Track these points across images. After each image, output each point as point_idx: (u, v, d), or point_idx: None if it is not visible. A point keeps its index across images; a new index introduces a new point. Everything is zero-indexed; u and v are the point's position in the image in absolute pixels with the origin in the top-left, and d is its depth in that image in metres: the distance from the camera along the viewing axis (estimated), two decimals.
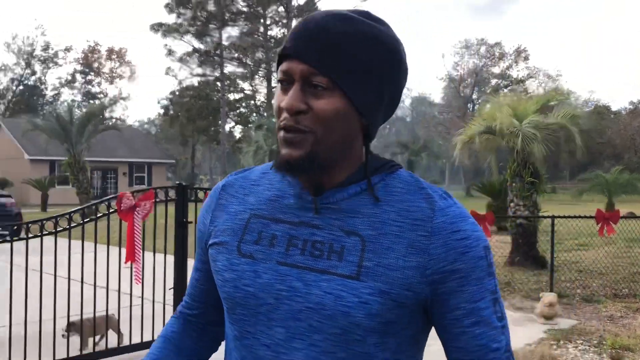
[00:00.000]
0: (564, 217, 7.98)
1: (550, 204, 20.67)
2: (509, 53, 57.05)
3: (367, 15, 0.95)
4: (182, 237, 5.47)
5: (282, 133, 0.93)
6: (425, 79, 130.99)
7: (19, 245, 4.56)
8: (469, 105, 55.59)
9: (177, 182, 6.22)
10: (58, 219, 4.86)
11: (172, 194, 5.45)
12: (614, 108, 59.30)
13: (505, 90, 55.12)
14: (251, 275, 0.98)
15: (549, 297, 6.59)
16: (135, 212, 5.19)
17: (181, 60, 42.84)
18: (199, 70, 44.37)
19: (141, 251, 5.12)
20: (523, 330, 6.23)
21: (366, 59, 0.91)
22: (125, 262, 5.08)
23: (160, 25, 40.61)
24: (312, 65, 0.90)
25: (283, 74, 0.93)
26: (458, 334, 0.96)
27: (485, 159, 11.83)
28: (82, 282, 4.91)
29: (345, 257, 0.94)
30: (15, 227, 6.12)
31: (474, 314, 0.95)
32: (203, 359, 1.21)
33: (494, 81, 57.79)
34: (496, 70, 58.14)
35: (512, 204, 10.05)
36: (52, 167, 34.44)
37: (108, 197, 5.49)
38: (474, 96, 57.64)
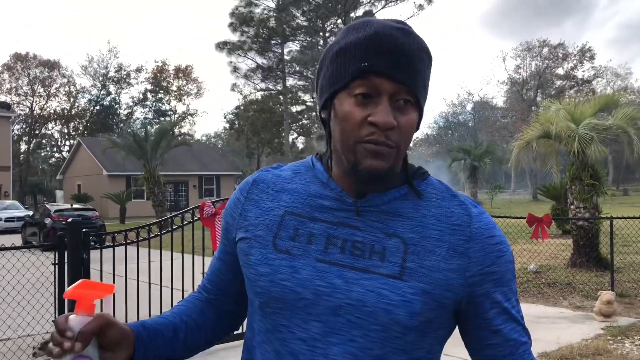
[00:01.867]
0: (622, 217, 8.11)
1: (623, 206, 20.21)
2: (573, 53, 55.58)
3: (409, 26, 1.00)
4: None
5: (368, 145, 0.94)
6: (487, 83, 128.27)
7: (106, 254, 5.30)
8: (532, 108, 54.38)
9: None
10: (139, 229, 5.61)
11: None
12: None
13: (571, 92, 53.64)
14: (288, 271, 0.98)
15: (606, 295, 6.80)
16: (217, 219, 5.90)
17: (245, 76, 44.37)
18: (262, 85, 45.81)
19: None
20: (580, 327, 6.48)
21: (427, 72, 1.00)
22: None
23: (225, 43, 42.29)
24: (407, 83, 0.94)
25: (367, 89, 0.95)
26: (493, 332, 1.02)
27: (546, 163, 11.95)
28: (160, 285, 5.61)
29: (388, 258, 0.97)
30: (103, 237, 6.96)
31: (505, 313, 1.02)
32: (216, 336, 1.22)
33: (558, 83, 56.30)
34: (560, 71, 56.70)
35: (572, 207, 10.17)
36: (129, 181, 36.46)
37: (182, 210, 6.17)
38: (538, 99, 56.35)
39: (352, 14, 43.12)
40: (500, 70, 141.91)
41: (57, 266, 4.96)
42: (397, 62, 0.94)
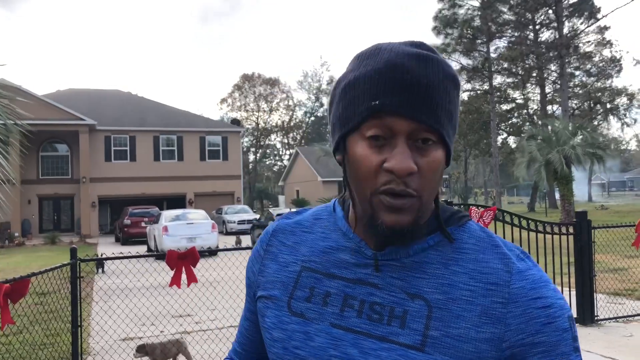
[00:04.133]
0: None
1: None
2: None
3: (431, 49, 0.87)
4: None
5: (386, 199, 0.83)
6: None
7: None
8: None
9: (448, 197, 7.17)
10: None
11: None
12: None
13: None
14: (302, 337, 0.90)
15: None
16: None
17: None
18: (468, 86, 45.01)
19: None
20: None
21: (453, 102, 0.86)
22: None
23: None
24: (425, 122, 0.82)
25: (380, 130, 0.83)
26: None
27: None
28: None
29: (409, 324, 0.85)
30: None
31: None
32: None
33: None
34: None
35: None
36: (340, 187, 38.72)
37: None
38: None
39: (564, 1, 40.07)
40: None
41: None
42: (412, 97, 0.81)
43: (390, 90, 0.82)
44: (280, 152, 72.16)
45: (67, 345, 5.96)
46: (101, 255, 8.65)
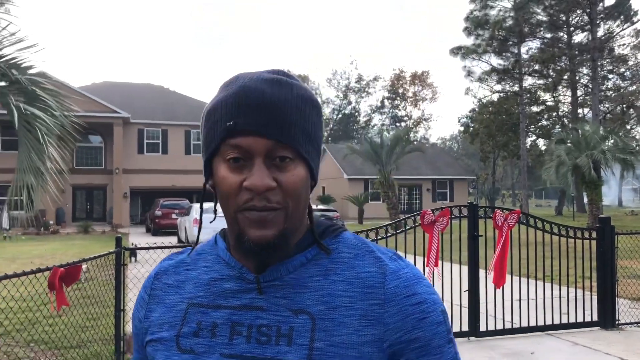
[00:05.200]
0: None
1: None
2: None
3: (288, 75, 0.91)
4: (473, 248, 6.59)
5: (250, 214, 0.85)
6: None
7: None
8: None
9: (475, 198, 7.41)
10: (378, 230, 6.47)
11: (465, 211, 6.62)
12: None
13: None
14: None
15: None
16: (435, 226, 6.51)
17: (480, 79, 43.86)
18: (498, 87, 44.74)
19: (440, 259, 6.40)
20: None
21: (310, 122, 0.89)
22: (427, 266, 6.41)
23: (459, 48, 42.48)
24: (278, 139, 0.85)
25: (237, 152, 0.86)
26: None
27: None
28: None
29: (295, 340, 0.86)
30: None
31: None
32: None
33: None
34: None
35: None
36: (366, 185, 38.91)
37: (413, 213, 6.92)
38: None
39: (599, 6, 39.53)
40: None
41: None
42: (265, 117, 0.85)
43: (244, 112, 0.85)
44: None
45: (106, 328, 6.35)
46: (136, 244, 9.04)
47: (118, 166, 31.81)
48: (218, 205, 0.91)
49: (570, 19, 42.56)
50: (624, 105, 44.91)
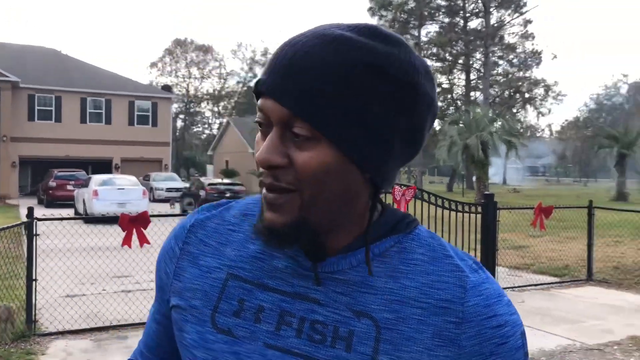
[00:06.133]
0: None
1: None
2: None
3: (372, 33, 0.72)
4: None
5: (264, 193, 0.74)
6: None
7: None
8: None
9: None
10: None
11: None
12: None
13: None
14: (231, 359, 0.78)
15: None
16: (400, 200, 7.01)
17: None
18: None
19: None
20: None
21: (361, 98, 0.69)
22: None
23: None
24: (290, 108, 0.69)
25: (260, 115, 0.74)
26: None
27: None
28: None
29: (355, 347, 0.75)
30: None
31: None
32: None
33: None
34: None
35: None
36: None
37: None
38: None
39: None
40: None
41: None
42: (286, 79, 0.70)
43: (271, 70, 0.72)
44: (210, 121, 71.50)
45: (12, 299, 6.29)
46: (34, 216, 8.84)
47: (6, 134, 29.83)
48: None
49: (467, 5, 44.86)
50: (511, 90, 48.31)
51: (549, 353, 5.48)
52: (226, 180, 21.62)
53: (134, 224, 5.97)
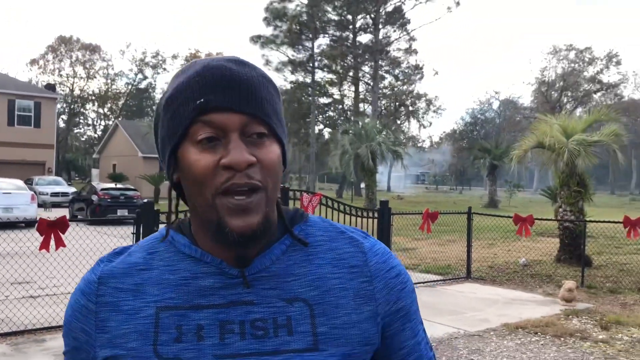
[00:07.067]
0: (594, 221, 9.49)
1: (625, 211, 21.27)
2: (600, 58, 56.15)
3: (244, 59, 0.87)
4: None
5: (230, 200, 0.79)
6: (514, 82, 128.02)
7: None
8: (556, 109, 55.05)
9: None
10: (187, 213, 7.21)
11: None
12: None
13: (596, 96, 53.99)
14: None
15: (568, 284, 8.21)
16: (308, 206, 7.52)
17: (277, 69, 46.12)
18: (293, 78, 47.52)
19: None
20: (544, 308, 7.93)
21: (275, 101, 0.85)
22: None
23: (259, 37, 44.18)
24: (253, 113, 0.80)
25: (211, 130, 0.79)
26: None
27: (546, 168, 13.22)
28: None
29: (296, 329, 0.83)
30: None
31: (415, 350, 0.94)
32: None
33: (585, 86, 56.96)
34: (587, 74, 57.37)
35: (560, 209, 11.53)
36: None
37: None
38: (564, 100, 56.93)
39: (381, 10, 44.24)
40: (527, 71, 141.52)
41: (134, 235, 6.62)
42: (237, 92, 0.80)
43: (214, 88, 0.80)
44: (95, 123, 68.26)
45: None
46: None
47: None
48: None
49: (357, 21, 46.93)
50: (397, 103, 51.11)
51: (438, 339, 6.32)
52: (120, 186, 21.09)
53: (52, 229, 6.07)
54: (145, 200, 6.94)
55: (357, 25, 46.81)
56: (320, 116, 50.77)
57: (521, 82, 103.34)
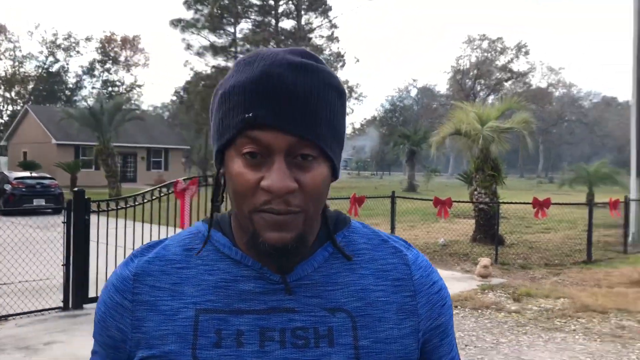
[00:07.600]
0: (506, 202, 10.24)
1: (531, 193, 22.76)
2: (510, 47, 59.37)
3: (314, 57, 0.81)
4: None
5: (267, 215, 0.77)
6: (431, 71, 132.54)
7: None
8: (470, 97, 57.68)
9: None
10: (128, 200, 7.21)
11: (210, 180, 7.81)
12: (620, 99, 61.57)
13: (507, 84, 57.05)
14: None
15: (484, 260, 8.87)
16: (186, 193, 7.56)
17: (198, 54, 45.27)
18: (214, 62, 46.82)
19: (189, 222, 7.48)
20: (462, 284, 8.53)
21: (336, 114, 0.80)
22: (182, 228, 7.42)
23: (179, 21, 43.13)
24: (302, 135, 0.76)
25: (255, 147, 0.77)
26: None
27: (462, 154, 13.99)
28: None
29: (337, 340, 0.82)
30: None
31: None
32: None
33: (497, 75, 60.03)
34: (498, 63, 60.51)
35: (475, 192, 12.30)
36: (77, 151, 36.89)
37: (163, 184, 7.76)
38: (477, 88, 59.77)
39: None
40: (443, 59, 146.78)
41: (65, 224, 6.53)
42: (289, 109, 0.75)
43: (265, 102, 0.76)
44: (1, 107, 64.17)
45: None
46: None
47: None
48: None
49: (279, 6, 46.82)
50: None
51: None
52: (35, 174, 20.16)
53: None
54: (77, 189, 6.81)
55: (280, 10, 46.73)
56: None
57: (438, 70, 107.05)
